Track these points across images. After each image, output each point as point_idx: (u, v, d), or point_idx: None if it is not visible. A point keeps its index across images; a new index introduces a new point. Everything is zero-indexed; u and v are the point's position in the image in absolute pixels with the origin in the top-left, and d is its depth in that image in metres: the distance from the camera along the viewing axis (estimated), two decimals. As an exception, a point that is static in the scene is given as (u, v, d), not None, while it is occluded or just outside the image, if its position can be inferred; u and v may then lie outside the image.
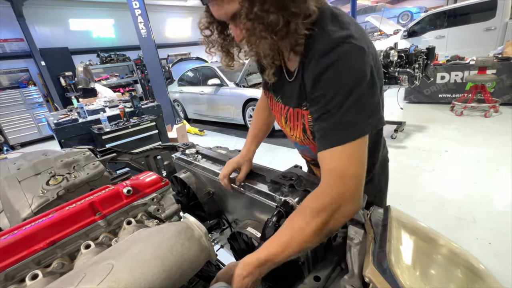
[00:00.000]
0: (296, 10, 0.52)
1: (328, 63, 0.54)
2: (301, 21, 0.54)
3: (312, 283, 0.60)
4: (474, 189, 2.56)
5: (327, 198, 0.55)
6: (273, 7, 0.51)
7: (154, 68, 5.29)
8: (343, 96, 0.53)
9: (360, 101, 0.53)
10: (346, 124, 0.54)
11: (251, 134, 1.02)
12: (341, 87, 0.53)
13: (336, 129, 0.55)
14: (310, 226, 0.55)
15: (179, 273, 0.52)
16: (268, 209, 0.81)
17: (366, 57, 0.54)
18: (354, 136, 0.54)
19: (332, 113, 0.55)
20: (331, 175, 0.56)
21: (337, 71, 0.53)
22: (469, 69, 4.84)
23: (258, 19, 0.51)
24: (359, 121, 0.54)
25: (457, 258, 0.52)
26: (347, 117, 0.54)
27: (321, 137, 0.58)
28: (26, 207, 0.85)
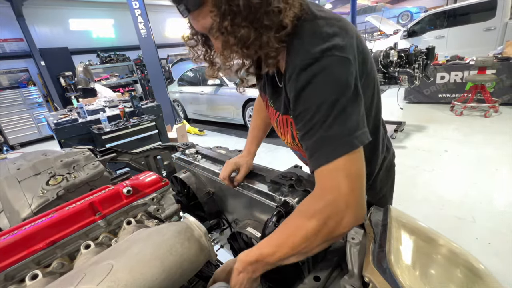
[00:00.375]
0: (268, 23, 0.51)
1: (308, 78, 0.52)
2: (273, 35, 0.53)
3: (312, 283, 0.60)
4: (474, 189, 2.56)
5: (321, 203, 0.52)
6: (244, 21, 0.50)
7: (154, 68, 5.29)
8: (326, 110, 0.50)
9: (344, 114, 0.50)
10: (331, 139, 0.51)
11: (251, 134, 1.02)
12: (323, 101, 0.50)
13: (322, 146, 0.52)
14: (301, 230, 0.53)
15: (179, 273, 0.52)
16: (268, 209, 0.81)
17: (350, 67, 0.52)
18: (342, 152, 0.50)
19: (315, 129, 0.52)
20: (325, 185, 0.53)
21: (317, 85, 0.51)
22: (469, 69, 4.85)
23: (230, 33, 0.52)
24: (345, 135, 0.50)
25: (457, 258, 0.52)
26: (332, 131, 0.51)
27: (310, 156, 0.55)
28: (26, 207, 0.85)
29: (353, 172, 0.51)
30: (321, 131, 0.51)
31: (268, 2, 0.50)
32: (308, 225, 0.52)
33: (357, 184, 0.51)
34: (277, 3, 0.50)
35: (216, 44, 0.59)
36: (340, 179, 0.50)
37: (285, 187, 0.78)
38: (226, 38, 0.53)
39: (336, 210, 0.51)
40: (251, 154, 0.97)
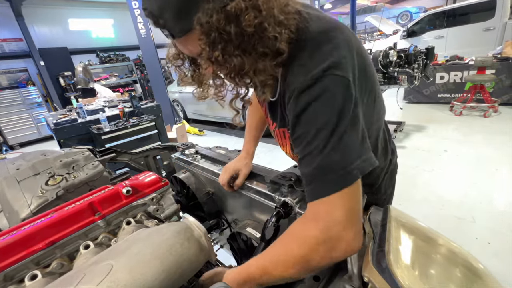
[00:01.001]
0: (264, 50, 0.48)
1: (308, 100, 0.49)
2: (270, 62, 0.50)
3: (312, 283, 0.60)
4: (474, 189, 2.56)
5: (314, 231, 0.49)
6: (237, 50, 0.46)
7: (153, 68, 5.29)
8: (325, 137, 0.47)
9: (343, 141, 0.47)
10: (329, 171, 0.48)
11: (248, 134, 1.01)
12: (322, 127, 0.48)
13: (319, 177, 0.49)
14: (291, 256, 0.51)
15: (179, 273, 0.52)
16: (267, 210, 0.81)
17: (349, 89, 0.49)
18: (340, 186, 0.47)
19: (313, 156, 0.49)
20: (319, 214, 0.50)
21: (317, 109, 0.48)
22: (468, 69, 4.85)
23: (221, 63, 0.48)
24: (344, 166, 0.47)
25: (456, 258, 0.52)
26: (330, 161, 0.48)
27: (306, 185, 0.52)
28: (25, 208, 0.85)
29: (350, 204, 0.49)
30: (318, 159, 0.48)
31: (263, 29, 0.46)
32: (298, 252, 0.50)
33: (352, 214, 0.49)
34: (272, 30, 0.46)
35: (206, 70, 0.55)
36: (335, 211, 0.48)
37: (285, 188, 0.78)
38: (217, 68, 0.50)
39: (329, 239, 0.48)
40: (250, 156, 0.96)
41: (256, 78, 0.52)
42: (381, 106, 0.68)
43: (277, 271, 0.52)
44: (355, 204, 0.49)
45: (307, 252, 0.49)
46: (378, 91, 0.64)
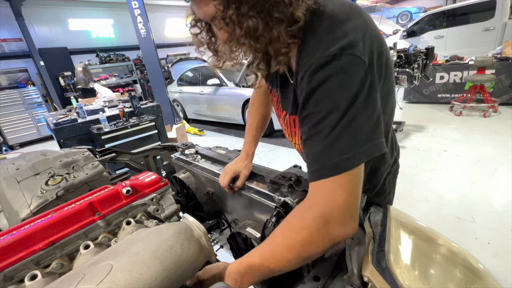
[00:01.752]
0: (278, 15, 0.47)
1: (323, 77, 0.47)
2: (285, 29, 0.49)
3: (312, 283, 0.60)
4: (473, 188, 2.57)
5: (312, 215, 0.50)
6: (252, 11, 0.46)
7: (153, 68, 5.29)
8: (336, 119, 0.47)
9: (352, 125, 0.47)
10: (337, 153, 0.47)
11: (249, 134, 1.00)
12: (334, 108, 0.47)
13: (325, 158, 0.49)
14: (289, 243, 0.52)
15: (178, 274, 0.52)
16: (267, 210, 0.81)
17: (365, 71, 0.48)
18: (344, 169, 0.47)
19: (321, 137, 0.49)
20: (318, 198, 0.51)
21: (331, 88, 0.47)
22: (468, 69, 4.86)
23: (235, 23, 0.47)
24: (351, 149, 0.47)
25: (456, 258, 0.52)
26: (338, 144, 0.47)
27: (310, 165, 0.52)
28: (25, 208, 0.85)
29: (350, 187, 0.49)
30: (326, 141, 0.48)
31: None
32: (296, 238, 0.51)
33: (351, 199, 0.49)
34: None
35: (220, 35, 0.54)
36: (335, 194, 0.48)
37: (285, 188, 0.78)
38: (232, 28, 0.48)
39: (326, 223, 0.49)
40: (250, 157, 0.96)
41: (271, 46, 0.51)
42: (394, 99, 0.67)
43: (276, 259, 0.53)
44: (355, 188, 0.49)
45: (305, 237, 0.50)
46: (393, 81, 0.62)
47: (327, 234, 0.49)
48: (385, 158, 0.75)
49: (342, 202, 0.48)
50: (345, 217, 0.49)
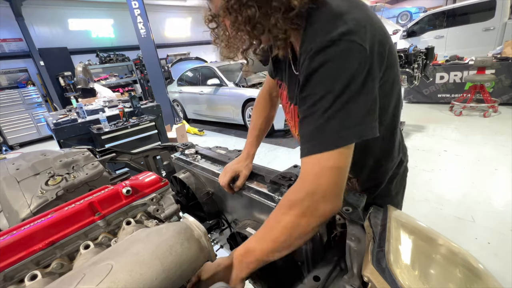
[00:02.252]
0: (276, 4, 0.51)
1: (322, 61, 0.50)
2: (281, 16, 0.52)
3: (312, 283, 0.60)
4: (473, 188, 2.57)
5: (300, 194, 0.54)
6: (251, 1, 0.51)
7: (153, 68, 5.29)
8: (331, 100, 0.50)
9: (346, 107, 0.50)
10: (329, 131, 0.51)
11: (251, 134, 1.00)
12: (331, 90, 0.50)
13: (318, 135, 0.52)
14: (280, 223, 0.55)
15: (179, 274, 0.52)
16: (267, 210, 0.81)
17: (365, 58, 0.50)
18: (333, 146, 0.51)
19: (316, 117, 0.52)
20: (306, 175, 0.55)
21: (329, 71, 0.50)
22: (468, 69, 4.86)
23: (237, 12, 0.53)
24: (343, 128, 0.50)
25: (456, 258, 0.52)
26: (331, 123, 0.50)
27: (303, 142, 0.55)
28: (25, 208, 0.85)
29: (338, 165, 0.52)
30: (320, 120, 0.51)
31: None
32: (286, 218, 0.54)
33: (338, 178, 0.52)
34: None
35: (225, 24, 0.60)
36: (323, 171, 0.52)
37: (285, 188, 0.78)
38: (234, 16, 0.54)
39: (313, 201, 0.52)
40: (250, 157, 0.96)
41: (270, 33, 0.55)
42: (400, 92, 0.68)
43: (270, 241, 0.56)
44: (342, 167, 0.53)
45: (295, 216, 0.54)
46: (397, 73, 0.64)
47: (315, 210, 0.53)
48: (389, 154, 0.75)
49: (329, 180, 0.52)
50: (331, 194, 0.53)
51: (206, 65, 6.24)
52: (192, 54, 10.76)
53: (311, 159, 0.53)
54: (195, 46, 11.32)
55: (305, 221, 0.54)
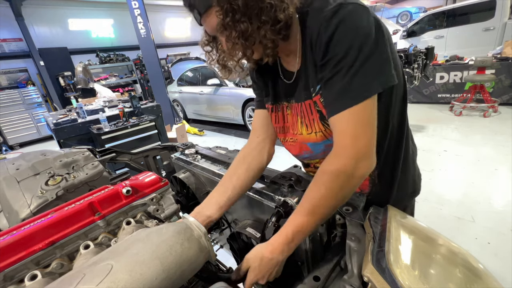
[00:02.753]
0: (265, 18, 0.58)
1: (336, 23, 0.55)
2: (269, 28, 0.60)
3: (312, 283, 0.60)
4: (473, 188, 2.57)
5: (342, 160, 0.58)
6: (243, 17, 0.58)
7: (153, 68, 5.29)
8: (352, 57, 0.55)
9: (368, 61, 0.55)
10: (354, 87, 0.56)
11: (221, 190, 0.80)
12: (350, 47, 0.55)
13: (343, 93, 0.57)
14: (332, 189, 0.59)
15: (179, 273, 0.52)
16: (267, 209, 0.81)
17: (369, 14, 0.56)
18: (361, 98, 0.56)
19: (341, 75, 0.57)
20: (342, 138, 0.59)
21: (346, 30, 0.55)
22: (468, 69, 4.86)
23: (231, 28, 0.59)
24: (366, 83, 0.56)
25: (456, 258, 0.52)
26: (355, 80, 0.56)
27: (330, 102, 0.61)
28: (25, 208, 0.85)
29: (370, 119, 0.58)
30: (346, 77, 0.56)
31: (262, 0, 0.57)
32: (337, 183, 0.58)
33: (372, 134, 0.59)
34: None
35: (222, 40, 0.66)
36: (359, 131, 0.57)
37: (285, 187, 0.78)
38: (229, 32, 0.60)
39: (356, 160, 0.57)
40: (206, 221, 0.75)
41: (260, 44, 0.62)
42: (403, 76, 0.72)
43: (323, 209, 0.60)
44: (373, 119, 0.59)
45: (344, 180, 0.58)
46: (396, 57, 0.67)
47: (358, 170, 0.58)
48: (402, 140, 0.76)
49: (366, 141, 0.58)
50: (370, 153, 0.59)
51: (206, 65, 6.23)
52: (192, 54, 10.76)
53: (344, 116, 0.57)
54: (195, 46, 11.30)
55: (352, 182, 0.59)
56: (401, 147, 0.76)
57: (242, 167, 0.82)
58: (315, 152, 0.80)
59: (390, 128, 0.71)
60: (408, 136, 0.79)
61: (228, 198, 0.78)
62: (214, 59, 0.74)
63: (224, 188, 0.80)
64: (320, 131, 0.74)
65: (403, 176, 0.79)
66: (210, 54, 0.74)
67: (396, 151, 0.76)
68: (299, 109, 0.77)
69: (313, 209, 0.60)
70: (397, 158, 0.76)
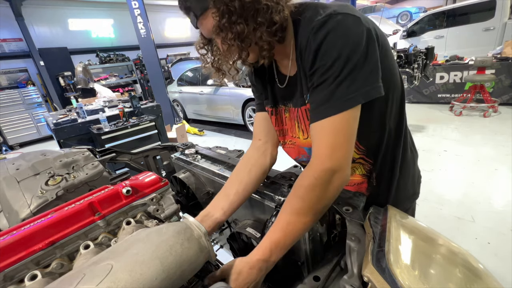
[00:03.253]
0: (261, 19, 0.58)
1: (323, 35, 0.55)
2: (265, 30, 0.60)
3: (312, 283, 0.60)
4: (473, 188, 2.57)
5: (317, 173, 0.58)
6: (240, 19, 0.58)
7: (153, 68, 5.29)
8: (339, 67, 0.55)
9: (353, 72, 0.55)
10: (337, 96, 0.56)
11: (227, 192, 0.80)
12: (338, 57, 0.55)
13: (326, 101, 0.57)
14: (310, 201, 0.58)
15: (179, 274, 0.52)
16: (267, 209, 0.81)
17: (360, 23, 0.56)
18: (343, 108, 0.56)
19: (326, 84, 0.57)
20: (319, 147, 0.59)
21: (333, 40, 0.55)
22: (468, 69, 4.86)
23: (227, 29, 0.59)
24: (349, 93, 0.56)
25: (456, 258, 0.52)
26: (339, 90, 0.56)
27: (313, 109, 0.61)
28: (25, 208, 0.85)
29: (350, 129, 0.58)
30: (331, 86, 0.56)
31: (258, 1, 0.57)
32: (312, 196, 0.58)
33: (351, 146, 0.59)
34: (265, 1, 0.58)
35: (218, 42, 0.65)
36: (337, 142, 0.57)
37: (285, 188, 0.78)
38: (225, 33, 0.60)
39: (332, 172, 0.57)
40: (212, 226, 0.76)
41: (256, 45, 0.62)
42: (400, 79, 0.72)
43: (299, 224, 0.59)
44: (353, 130, 0.59)
45: (319, 193, 0.58)
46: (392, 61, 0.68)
47: (333, 183, 0.58)
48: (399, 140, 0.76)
49: (344, 153, 0.57)
50: (346, 165, 0.58)
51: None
52: (192, 54, 10.75)
53: (324, 124, 0.58)
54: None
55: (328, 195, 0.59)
56: (399, 148, 0.76)
57: (245, 171, 0.81)
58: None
59: (387, 130, 0.71)
60: (406, 137, 0.79)
61: (230, 203, 0.77)
62: (208, 62, 0.74)
63: (226, 193, 0.80)
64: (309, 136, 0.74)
65: (402, 177, 0.79)
66: (205, 57, 0.74)
67: (394, 151, 0.75)
68: (295, 114, 0.77)
69: (289, 223, 0.59)
70: (396, 158, 0.76)
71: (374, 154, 0.73)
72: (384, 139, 0.72)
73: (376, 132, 0.63)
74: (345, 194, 0.72)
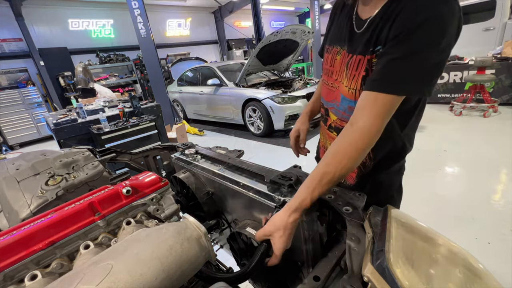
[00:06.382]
0: None
1: (425, 17, 0.56)
2: None
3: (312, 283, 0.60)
4: (473, 188, 2.57)
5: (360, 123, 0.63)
6: None
7: (153, 68, 5.29)
8: (415, 50, 0.57)
9: (423, 64, 0.58)
10: (396, 77, 0.60)
11: (311, 100, 1.13)
12: (420, 44, 0.56)
13: (385, 76, 0.61)
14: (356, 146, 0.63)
15: (179, 273, 0.52)
16: (267, 209, 0.81)
17: (453, 26, 0.57)
18: (396, 91, 0.60)
19: (394, 59, 0.59)
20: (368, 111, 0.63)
21: (429, 29, 0.56)
22: (468, 69, 4.86)
23: None
24: (408, 81, 0.59)
25: (456, 258, 0.52)
26: (402, 71, 0.59)
27: (375, 78, 0.64)
28: (25, 208, 0.85)
29: (387, 110, 0.62)
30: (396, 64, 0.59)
31: None
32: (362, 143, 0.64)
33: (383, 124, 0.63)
34: None
35: None
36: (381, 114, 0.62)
37: (285, 187, 0.78)
38: None
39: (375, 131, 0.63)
40: (305, 115, 1.12)
41: None
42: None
43: (341, 164, 0.64)
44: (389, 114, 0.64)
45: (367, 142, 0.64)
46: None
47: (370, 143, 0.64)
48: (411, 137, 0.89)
49: (382, 123, 0.63)
50: (378, 133, 0.64)
51: (206, 65, 6.24)
52: (192, 54, 10.75)
53: (371, 97, 0.62)
54: (195, 46, 11.30)
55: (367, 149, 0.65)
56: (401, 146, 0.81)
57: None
58: (340, 108, 0.84)
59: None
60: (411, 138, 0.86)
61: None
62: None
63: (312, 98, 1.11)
64: (355, 89, 0.75)
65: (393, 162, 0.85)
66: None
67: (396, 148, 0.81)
68: (347, 60, 0.78)
69: (333, 160, 0.65)
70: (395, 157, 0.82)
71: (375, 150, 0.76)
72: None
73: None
74: (345, 194, 0.72)
